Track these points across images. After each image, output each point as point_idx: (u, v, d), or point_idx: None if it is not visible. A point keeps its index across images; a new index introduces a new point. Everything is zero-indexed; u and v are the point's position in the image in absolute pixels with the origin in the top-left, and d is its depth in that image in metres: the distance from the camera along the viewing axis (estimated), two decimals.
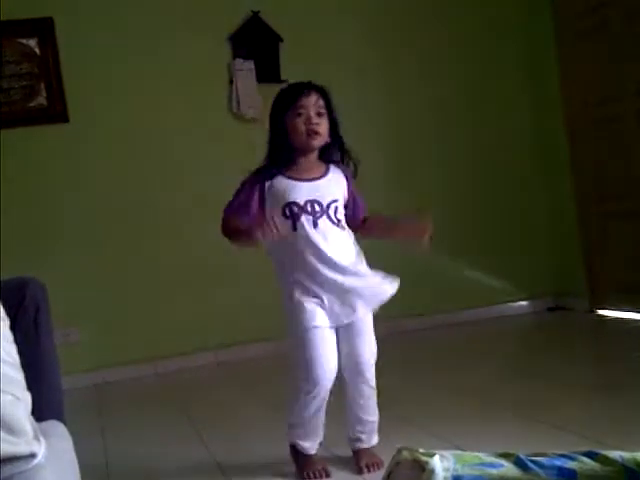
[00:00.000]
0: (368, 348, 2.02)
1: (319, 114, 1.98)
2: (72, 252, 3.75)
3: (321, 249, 1.93)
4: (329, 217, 1.97)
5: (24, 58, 3.70)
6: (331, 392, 1.98)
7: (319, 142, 1.99)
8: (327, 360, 1.93)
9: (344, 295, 1.94)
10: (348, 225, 2.04)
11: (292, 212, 1.95)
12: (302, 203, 1.96)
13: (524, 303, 4.26)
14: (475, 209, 4.22)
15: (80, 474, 1.37)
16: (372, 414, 2.06)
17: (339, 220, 2.00)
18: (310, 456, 2.05)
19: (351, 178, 2.08)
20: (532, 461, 1.41)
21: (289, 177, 1.99)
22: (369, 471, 1.99)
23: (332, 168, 2.05)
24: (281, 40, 3.92)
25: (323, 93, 2.01)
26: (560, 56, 3.99)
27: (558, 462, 1.40)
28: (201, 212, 3.86)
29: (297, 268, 1.95)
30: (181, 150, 3.87)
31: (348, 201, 2.06)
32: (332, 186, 2.02)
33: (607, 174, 3.79)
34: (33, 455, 1.10)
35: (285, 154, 1.99)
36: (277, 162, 2.00)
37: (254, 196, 1.99)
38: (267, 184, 1.99)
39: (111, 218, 3.80)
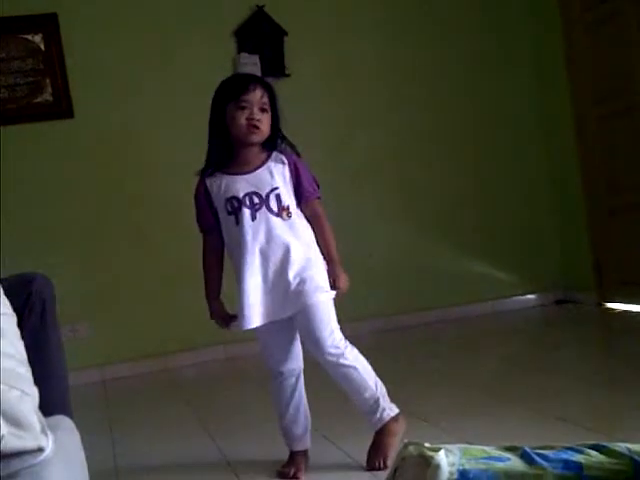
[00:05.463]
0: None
1: (262, 110, 1.95)
2: (79, 247, 3.76)
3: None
4: (269, 208, 1.94)
5: (29, 54, 3.71)
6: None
7: (258, 138, 1.96)
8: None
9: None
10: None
11: (233, 207, 1.94)
12: (241, 196, 1.94)
13: (532, 296, 4.25)
14: (483, 202, 4.21)
15: (88, 468, 1.38)
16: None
17: (282, 209, 1.95)
18: (292, 453, 2.06)
19: (294, 160, 2.00)
20: (538, 454, 1.40)
21: (226, 173, 1.98)
22: (377, 466, 1.94)
23: (273, 156, 2.00)
24: (286, 34, 3.92)
25: (268, 89, 1.98)
26: (568, 49, 3.96)
27: (564, 455, 1.39)
28: None
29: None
30: (186, 144, 3.85)
31: (294, 185, 1.99)
32: (271, 175, 1.96)
33: (615, 168, 3.77)
34: (41, 449, 1.11)
35: (224, 151, 1.98)
36: (216, 161, 1.99)
37: (205, 204, 1.99)
38: (208, 184, 1.98)
39: (117, 212, 3.81)
